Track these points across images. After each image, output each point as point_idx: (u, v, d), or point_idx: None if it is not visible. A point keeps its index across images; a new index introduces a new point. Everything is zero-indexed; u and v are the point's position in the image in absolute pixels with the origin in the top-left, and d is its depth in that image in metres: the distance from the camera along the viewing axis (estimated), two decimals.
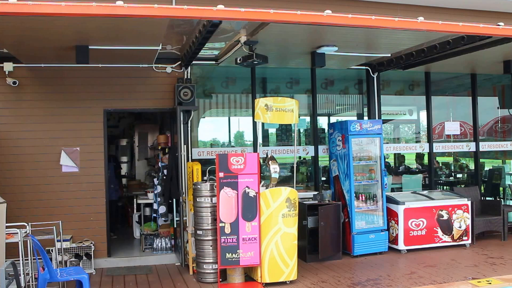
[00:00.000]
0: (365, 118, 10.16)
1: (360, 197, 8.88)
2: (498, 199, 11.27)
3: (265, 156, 7.87)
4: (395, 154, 11.44)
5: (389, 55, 8.90)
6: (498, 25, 6.98)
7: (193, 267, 7.79)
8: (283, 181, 9.13)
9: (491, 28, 6.95)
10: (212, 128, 10.16)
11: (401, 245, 8.79)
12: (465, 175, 11.92)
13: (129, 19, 5.68)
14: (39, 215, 7.82)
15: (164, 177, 8.72)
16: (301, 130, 10.30)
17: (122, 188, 11.04)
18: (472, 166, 11.29)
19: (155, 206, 9.05)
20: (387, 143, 10.74)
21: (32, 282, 6.68)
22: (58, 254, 7.43)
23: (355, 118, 10.44)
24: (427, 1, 9.50)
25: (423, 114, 10.91)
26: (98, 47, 7.04)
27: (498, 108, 11.73)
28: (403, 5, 9.46)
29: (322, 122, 10.37)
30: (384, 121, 10.83)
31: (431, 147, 10.58)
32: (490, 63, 9.66)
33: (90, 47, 6.95)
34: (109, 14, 5.30)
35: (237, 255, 6.93)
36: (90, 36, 6.67)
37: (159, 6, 5.44)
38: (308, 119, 10.05)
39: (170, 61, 8.78)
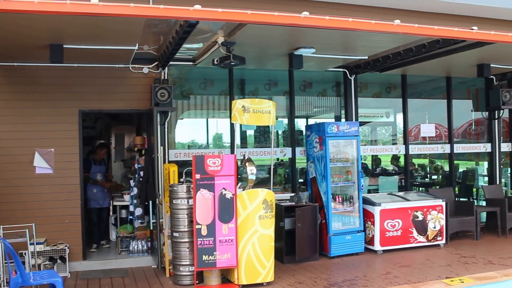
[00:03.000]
0: (343, 120, 10.22)
1: (337, 199, 8.93)
2: (472, 200, 11.47)
3: (242, 157, 7.85)
4: (372, 156, 11.54)
5: (366, 57, 8.97)
6: (472, 29, 7.11)
7: (169, 269, 7.72)
8: (261, 182, 9.14)
9: (465, 32, 7.06)
10: (190, 130, 10.11)
11: (377, 246, 8.86)
12: (440, 176, 12.09)
13: (105, 18, 5.62)
14: (11, 218, 7.65)
15: (141, 179, 8.64)
16: (280, 132, 10.31)
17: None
18: (447, 167, 11.46)
19: (131, 208, 8.97)
20: (365, 145, 10.83)
21: (3, 286, 6.55)
22: (31, 258, 7.31)
23: (333, 120, 10.49)
24: (404, 4, 9.63)
25: (400, 117, 11.03)
26: (73, 46, 6.96)
27: (472, 111, 11.92)
28: (381, 8, 9.58)
29: (301, 124, 10.40)
30: (362, 123, 10.92)
31: (407, 149, 10.69)
32: (465, 67, 9.81)
33: (64, 46, 6.86)
34: (84, 13, 5.24)
35: (214, 257, 6.90)
36: (65, 35, 6.59)
37: (135, 5, 5.39)
38: (286, 121, 10.07)
39: (147, 62, 8.70)
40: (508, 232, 10.11)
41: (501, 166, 11.57)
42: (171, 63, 8.60)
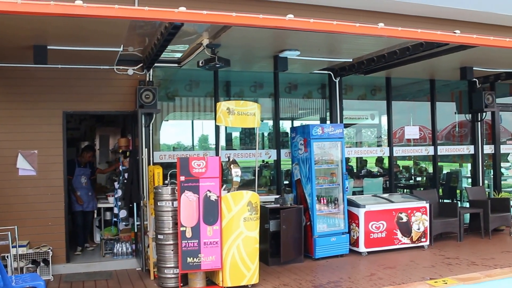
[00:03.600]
0: (328, 122, 10.25)
1: (322, 201, 8.96)
2: (455, 202, 11.57)
3: (227, 159, 7.84)
4: (357, 158, 11.59)
5: (351, 60, 9.01)
6: (455, 32, 7.18)
7: (154, 272, 7.69)
8: (246, 184, 9.13)
9: (448, 36, 7.14)
10: (175, 132, 10.08)
11: (361, 248, 8.90)
12: (424, 178, 12.19)
13: (89, 20, 5.60)
14: None
15: (125, 181, 8.59)
16: (265, 134, 10.32)
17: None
18: (431, 169, 11.55)
19: (115, 210, 8.91)
20: (350, 147, 10.87)
21: None
22: (14, 261, 7.23)
23: (318, 122, 10.54)
24: (388, 7, 9.70)
25: (384, 119, 11.09)
26: (57, 47, 6.92)
27: (455, 113, 12.05)
28: (365, 11, 9.65)
29: (286, 126, 10.41)
30: (347, 125, 10.99)
31: (391, 151, 10.75)
32: (448, 70, 9.92)
33: (49, 47, 6.82)
34: (68, 14, 5.21)
35: (198, 259, 6.89)
36: (49, 36, 6.54)
37: (120, 6, 5.36)
38: (271, 123, 10.08)
39: (132, 63, 8.66)
40: (491, 233, 10.22)
41: (484, 168, 11.70)
42: (156, 64, 8.57)
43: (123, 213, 8.73)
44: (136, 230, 8.75)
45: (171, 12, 5.63)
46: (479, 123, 11.54)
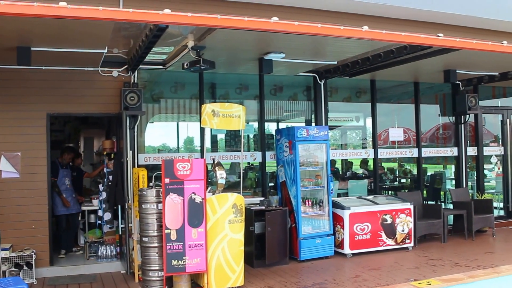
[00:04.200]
0: (313, 124, 10.28)
1: (307, 203, 8.99)
2: (439, 203, 11.66)
3: (212, 162, 7.84)
4: (342, 160, 11.65)
5: (336, 62, 9.06)
6: (438, 36, 7.26)
7: (138, 274, 7.65)
8: (232, 187, 9.14)
9: (431, 39, 7.21)
10: (160, 134, 10.05)
11: (346, 249, 8.94)
12: (409, 180, 12.28)
13: (73, 21, 5.55)
14: None
15: (110, 183, 8.54)
16: (250, 136, 10.33)
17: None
18: (415, 171, 11.63)
19: (100, 213, 8.85)
20: (335, 149, 10.91)
21: None
22: None
23: (303, 124, 10.56)
24: (373, 11, 9.76)
25: (369, 121, 11.16)
26: (41, 48, 6.86)
27: (439, 115, 12.15)
28: (350, 14, 9.70)
29: (272, 128, 10.43)
30: (332, 127, 11.03)
31: (376, 153, 10.82)
32: (432, 72, 10.00)
33: (32, 48, 6.77)
34: (52, 15, 5.16)
35: (183, 262, 6.87)
36: (33, 37, 6.49)
37: (104, 8, 5.34)
38: (257, 125, 10.09)
39: (116, 65, 8.62)
40: (475, 235, 10.33)
41: (468, 170, 11.81)
42: (141, 66, 8.53)
43: (107, 216, 8.66)
44: (120, 233, 8.70)
45: (155, 14, 5.62)
46: (462, 125, 11.67)
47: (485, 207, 10.61)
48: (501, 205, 12.40)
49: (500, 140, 12.46)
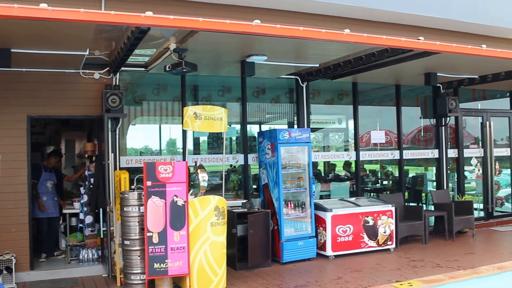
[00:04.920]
0: (295, 126, 10.31)
1: (289, 205, 9.00)
2: (420, 205, 11.77)
3: (194, 164, 7.82)
4: (325, 162, 11.69)
5: (318, 65, 9.10)
6: (419, 39, 7.34)
7: (120, 278, 7.60)
8: (214, 189, 9.11)
9: (412, 42, 7.29)
10: (142, 136, 10.00)
11: (329, 251, 8.97)
12: (391, 182, 12.36)
13: (54, 23, 5.51)
14: None
15: (91, 186, 8.48)
16: (233, 138, 10.33)
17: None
18: (397, 173, 11.72)
19: (81, 216, 8.76)
20: (317, 151, 10.96)
21: None
22: None
23: (286, 126, 10.59)
24: (354, 14, 9.84)
25: (352, 123, 11.21)
26: (21, 50, 6.80)
27: (420, 118, 12.27)
28: (332, 16, 9.77)
29: (255, 130, 10.44)
30: (314, 130, 11.08)
31: (357, 155, 10.88)
32: (413, 75, 10.10)
33: (12, 50, 6.70)
34: (33, 17, 5.11)
35: (165, 265, 6.84)
36: (13, 39, 6.42)
37: (85, 10, 5.31)
38: (239, 127, 10.09)
39: (98, 67, 8.55)
40: (455, 236, 10.44)
41: (448, 172, 11.94)
42: (123, 68, 8.48)
43: (89, 219, 8.59)
44: (102, 236, 8.63)
45: (137, 17, 5.60)
46: (443, 127, 11.79)
47: (465, 208, 10.73)
48: (481, 206, 12.55)
49: (480, 142, 12.62)
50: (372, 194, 11.77)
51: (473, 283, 7.63)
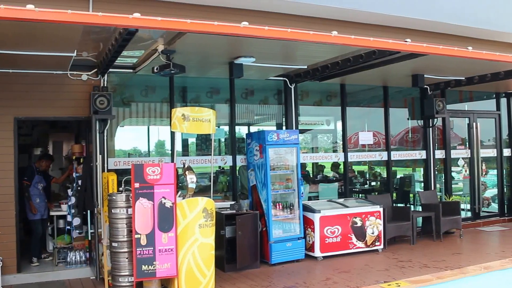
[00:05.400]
0: (284, 128, 10.33)
1: (278, 206, 9.02)
2: (408, 206, 11.85)
3: (182, 166, 7.81)
4: (313, 163, 11.72)
5: (306, 67, 9.12)
6: (406, 41, 7.39)
7: (108, 280, 7.56)
8: (203, 190, 9.12)
9: (399, 44, 7.34)
10: (131, 138, 9.96)
11: (317, 252, 8.99)
12: (379, 183, 12.42)
13: (41, 24, 5.48)
14: None
15: (79, 188, 8.44)
16: (222, 140, 10.32)
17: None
18: (385, 174, 11.78)
19: (69, 218, 8.71)
20: (306, 152, 10.98)
21: None
22: None
23: (274, 128, 10.61)
24: (342, 16, 9.88)
25: (340, 124, 11.25)
26: (8, 51, 6.75)
27: (408, 119, 12.35)
28: (320, 18, 9.80)
29: (244, 132, 10.44)
30: (303, 131, 11.11)
31: (346, 157, 10.92)
32: (400, 77, 10.17)
33: None
34: (19, 18, 5.08)
35: (154, 267, 6.82)
36: None
37: (73, 12, 5.28)
38: (227, 128, 10.09)
39: (86, 68, 8.52)
40: (443, 236, 10.52)
41: (436, 172, 12.03)
42: (111, 70, 8.46)
43: (76, 221, 8.54)
44: (90, 238, 8.60)
45: (125, 18, 5.58)
46: (430, 128, 11.87)
47: (452, 209, 10.81)
48: (468, 206, 12.66)
49: (467, 143, 12.73)
50: (360, 195, 11.82)
51: (460, 283, 7.69)
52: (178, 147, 9.75)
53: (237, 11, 9.08)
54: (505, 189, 13.30)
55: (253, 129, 10.57)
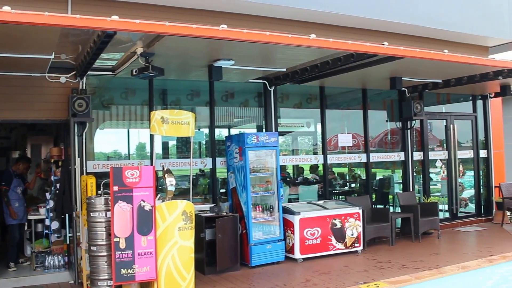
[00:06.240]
0: (264, 130, 10.36)
1: (257, 208, 9.04)
2: (387, 207, 11.96)
3: (162, 169, 7.79)
4: (294, 165, 11.77)
5: (285, 69, 9.16)
6: (383, 44, 7.49)
7: (87, 284, 7.51)
8: (183, 193, 9.10)
9: (376, 47, 7.44)
10: (111, 140, 9.90)
11: (297, 254, 9.03)
12: (358, 184, 12.52)
13: (18, 26, 5.43)
14: None
15: (57, 192, 8.36)
16: (203, 142, 10.32)
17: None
18: (365, 176, 11.87)
19: (47, 222, 8.62)
20: (287, 154, 11.03)
21: None
22: None
23: (255, 130, 10.63)
24: (321, 19, 9.96)
25: (320, 127, 11.33)
26: None
27: (387, 121, 12.47)
28: (299, 21, 9.88)
29: (224, 134, 10.44)
30: (283, 133, 11.15)
31: (325, 159, 10.99)
32: (379, 79, 10.27)
33: None
34: None
35: (133, 270, 6.79)
36: None
37: (50, 14, 5.26)
38: (208, 131, 10.09)
39: (64, 71, 8.44)
40: (421, 237, 10.64)
41: (414, 174, 12.17)
42: (90, 72, 8.39)
43: (55, 225, 8.46)
44: (68, 242, 8.52)
45: (103, 21, 5.58)
46: (408, 130, 12.01)
47: (431, 210, 10.95)
48: (446, 207, 12.82)
49: (445, 145, 12.90)
50: (340, 197, 11.90)
51: (438, 282, 7.82)
52: (159, 149, 9.73)
53: (217, 13, 9.09)
54: (481, 189, 13.51)
55: (234, 131, 10.59)
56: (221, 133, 10.39)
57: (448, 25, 11.29)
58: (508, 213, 12.79)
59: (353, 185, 12.73)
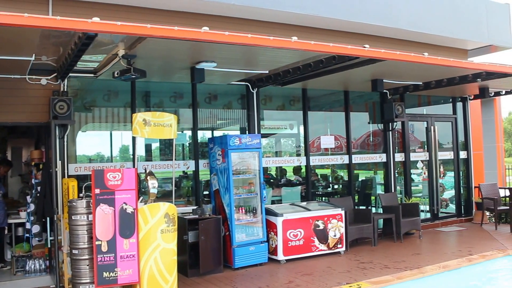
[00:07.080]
0: (247, 132, 10.38)
1: (240, 210, 9.06)
2: (370, 208, 12.05)
3: (144, 171, 7.77)
4: (277, 167, 11.81)
5: (267, 72, 9.18)
6: (364, 47, 7.56)
7: None
8: (166, 195, 9.08)
9: (358, 50, 7.50)
10: (93, 143, 9.83)
11: (280, 256, 9.06)
12: (341, 186, 12.60)
13: None
14: None
15: (38, 195, 8.27)
16: (186, 145, 10.30)
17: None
18: (347, 177, 11.95)
19: (28, 226, 8.53)
20: (270, 156, 11.06)
21: None
22: None
23: (238, 132, 10.63)
24: (303, 21, 10.03)
25: (303, 128, 11.38)
26: None
27: (369, 123, 12.58)
28: (281, 24, 9.94)
29: (207, 136, 10.44)
30: (266, 135, 11.17)
31: (308, 160, 11.05)
32: (360, 82, 10.35)
33: None
34: None
35: (115, 274, 6.75)
36: None
37: (30, 15, 5.22)
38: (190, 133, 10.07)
39: (45, 73, 8.37)
40: (403, 237, 10.75)
41: (396, 175, 12.28)
42: (71, 74, 8.34)
43: (36, 228, 8.36)
44: (50, 246, 8.43)
45: (84, 23, 5.55)
46: (390, 132, 12.12)
47: (412, 210, 11.05)
48: (428, 208, 12.97)
49: (426, 146, 13.04)
50: (323, 198, 11.97)
51: (419, 282, 7.91)
52: (142, 152, 9.68)
53: (199, 16, 9.10)
54: (462, 190, 13.69)
55: (217, 133, 10.59)
56: (204, 135, 10.38)
57: (428, 29, 11.45)
58: (488, 213, 12.99)
59: (335, 186, 12.79)
